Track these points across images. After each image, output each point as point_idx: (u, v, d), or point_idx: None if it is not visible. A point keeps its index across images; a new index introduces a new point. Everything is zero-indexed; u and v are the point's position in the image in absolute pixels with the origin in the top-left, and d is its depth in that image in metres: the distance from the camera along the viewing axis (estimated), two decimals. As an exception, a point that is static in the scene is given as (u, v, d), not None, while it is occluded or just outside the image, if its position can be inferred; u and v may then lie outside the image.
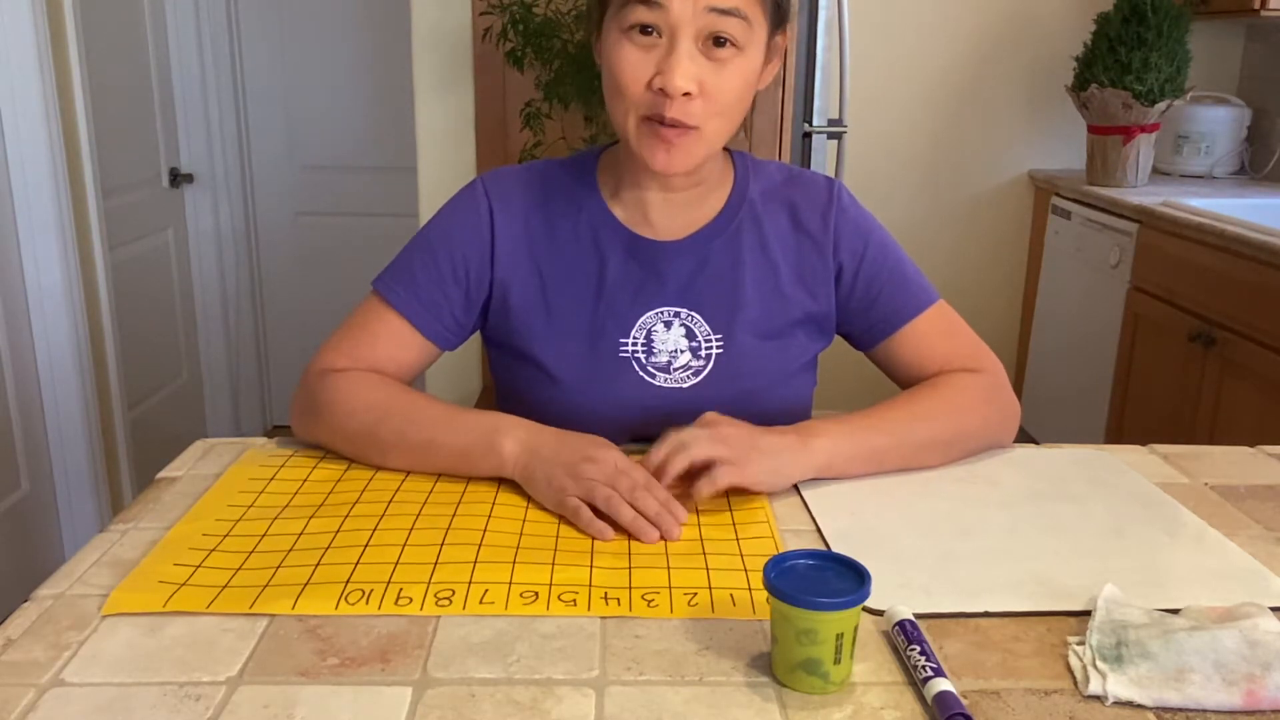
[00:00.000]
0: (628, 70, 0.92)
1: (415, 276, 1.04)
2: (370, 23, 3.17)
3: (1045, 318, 3.07)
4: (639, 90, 0.92)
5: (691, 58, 0.90)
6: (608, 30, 0.94)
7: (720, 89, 0.92)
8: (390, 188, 3.21)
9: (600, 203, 1.05)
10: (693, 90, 0.90)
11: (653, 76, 0.91)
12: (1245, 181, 2.97)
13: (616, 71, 0.92)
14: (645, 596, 0.74)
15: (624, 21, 0.91)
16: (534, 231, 1.04)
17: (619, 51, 0.92)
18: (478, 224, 1.04)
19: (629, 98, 0.93)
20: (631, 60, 0.91)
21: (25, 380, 2.33)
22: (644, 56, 0.91)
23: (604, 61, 0.95)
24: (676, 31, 0.90)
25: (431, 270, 1.04)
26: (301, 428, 1.03)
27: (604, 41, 0.95)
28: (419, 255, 1.05)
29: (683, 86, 0.90)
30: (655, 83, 0.91)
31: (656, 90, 0.91)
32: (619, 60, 0.92)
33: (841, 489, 0.93)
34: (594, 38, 0.99)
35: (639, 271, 1.04)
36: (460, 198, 1.07)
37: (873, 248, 1.07)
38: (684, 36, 0.90)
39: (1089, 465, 1.00)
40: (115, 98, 2.63)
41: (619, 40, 0.92)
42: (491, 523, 0.85)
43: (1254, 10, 2.65)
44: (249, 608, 0.72)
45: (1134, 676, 0.64)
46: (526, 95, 2.08)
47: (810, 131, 2.33)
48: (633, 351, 1.03)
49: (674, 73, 0.89)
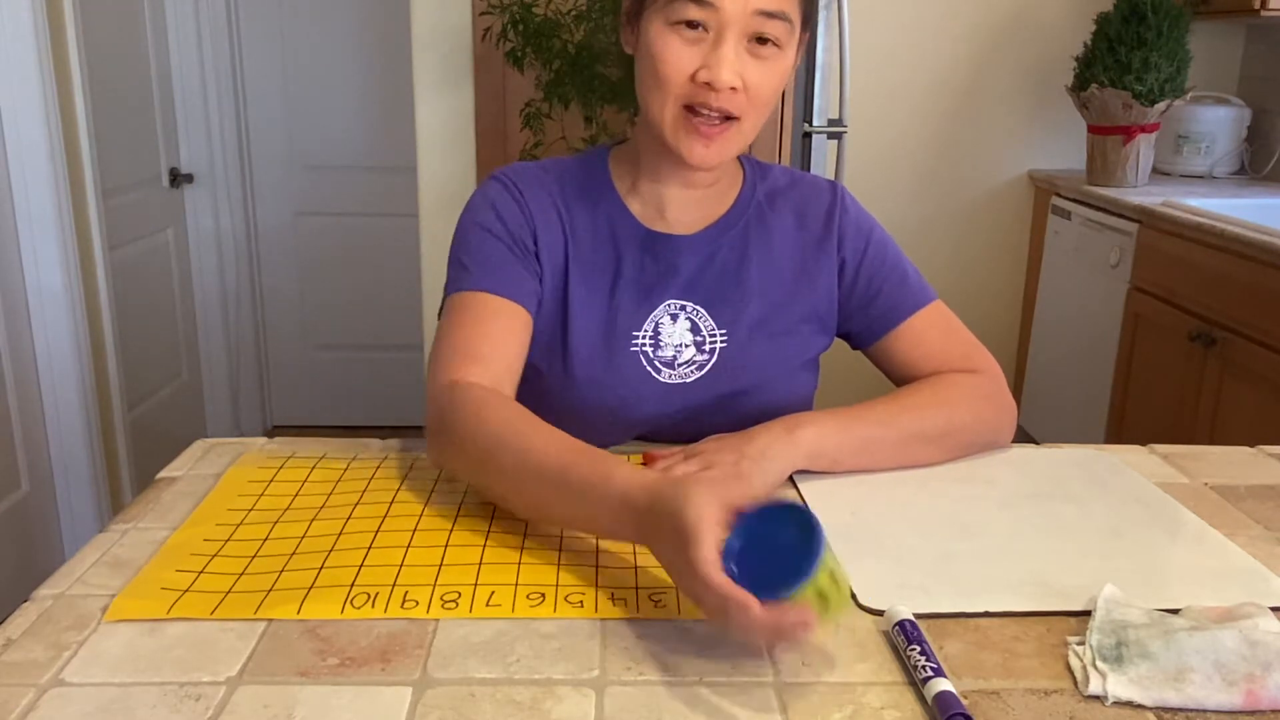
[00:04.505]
0: (672, 61, 0.93)
1: (486, 260, 0.99)
2: (370, 23, 3.17)
3: (1045, 318, 3.07)
4: (682, 81, 0.93)
5: (738, 55, 0.92)
6: (649, 20, 0.94)
7: (761, 85, 0.94)
8: (390, 188, 3.21)
9: (616, 198, 1.05)
10: (738, 85, 0.92)
11: (697, 70, 0.92)
12: (1245, 181, 2.97)
13: (660, 62, 0.93)
14: (652, 597, 0.74)
15: (672, 15, 0.92)
16: (559, 223, 1.04)
17: (664, 42, 0.93)
18: (517, 208, 1.02)
19: (671, 87, 0.94)
20: (677, 51, 0.92)
21: (25, 380, 2.33)
22: (690, 50, 0.92)
23: (644, 51, 0.95)
24: (724, 29, 0.91)
25: (496, 250, 1.00)
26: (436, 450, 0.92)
27: (645, 32, 0.95)
28: (476, 246, 1.00)
29: (730, 81, 0.91)
30: (700, 75, 0.92)
31: (701, 83, 0.92)
32: (664, 50, 0.93)
33: (841, 489, 0.93)
34: (625, 26, 0.99)
35: (653, 266, 1.04)
36: (487, 189, 1.04)
37: (874, 246, 1.08)
38: (731, 34, 0.91)
39: (1089, 465, 1.00)
40: (115, 98, 2.63)
41: (663, 31, 0.93)
42: (495, 523, 0.85)
43: (1254, 10, 2.65)
44: (253, 614, 0.72)
45: (1134, 676, 0.64)
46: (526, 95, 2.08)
47: (810, 131, 2.33)
48: (641, 346, 1.03)
49: (722, 67, 0.91)
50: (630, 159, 1.06)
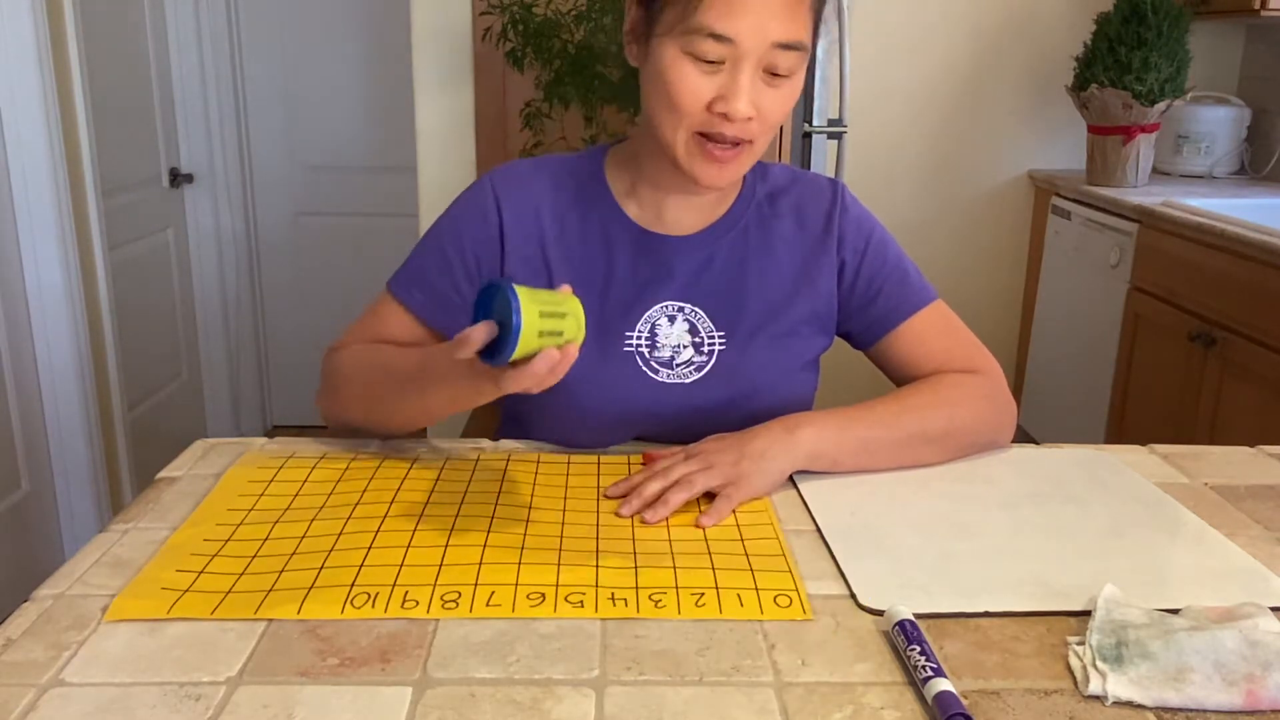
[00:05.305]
0: (688, 90, 0.92)
1: (426, 273, 1.06)
2: (370, 23, 3.17)
3: (1045, 318, 3.07)
4: (698, 110, 0.93)
5: (754, 84, 0.92)
6: (662, 43, 0.93)
7: (773, 111, 0.94)
8: (390, 188, 3.21)
9: (611, 200, 1.06)
10: (754, 115, 0.92)
11: (713, 100, 0.92)
12: (1245, 181, 2.97)
13: (676, 91, 0.93)
14: (653, 597, 0.74)
15: (688, 46, 0.91)
16: (543, 224, 1.05)
17: (679, 70, 0.92)
18: (485, 219, 1.05)
19: (686, 115, 0.93)
20: (694, 81, 0.92)
21: (25, 380, 2.33)
22: (706, 81, 0.92)
23: (656, 73, 0.94)
24: (741, 61, 0.91)
25: (442, 266, 1.05)
26: (324, 410, 1.06)
27: (658, 54, 0.94)
28: (429, 253, 1.07)
29: (746, 113, 0.91)
30: (716, 106, 0.92)
31: (717, 113, 0.92)
32: (679, 79, 0.92)
33: (841, 489, 0.93)
34: (633, 43, 0.98)
35: (646, 266, 1.04)
36: (467, 194, 1.08)
37: (874, 245, 1.08)
38: (748, 66, 0.91)
39: (1089, 465, 1.00)
40: (115, 98, 2.63)
41: (679, 59, 0.92)
42: (495, 523, 0.85)
43: (1254, 10, 2.65)
44: (253, 614, 0.72)
45: (1134, 676, 0.64)
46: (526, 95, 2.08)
47: (810, 131, 2.33)
48: (637, 346, 1.03)
49: (739, 100, 0.91)
50: (629, 162, 1.06)
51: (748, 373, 1.04)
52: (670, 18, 0.91)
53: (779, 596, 0.75)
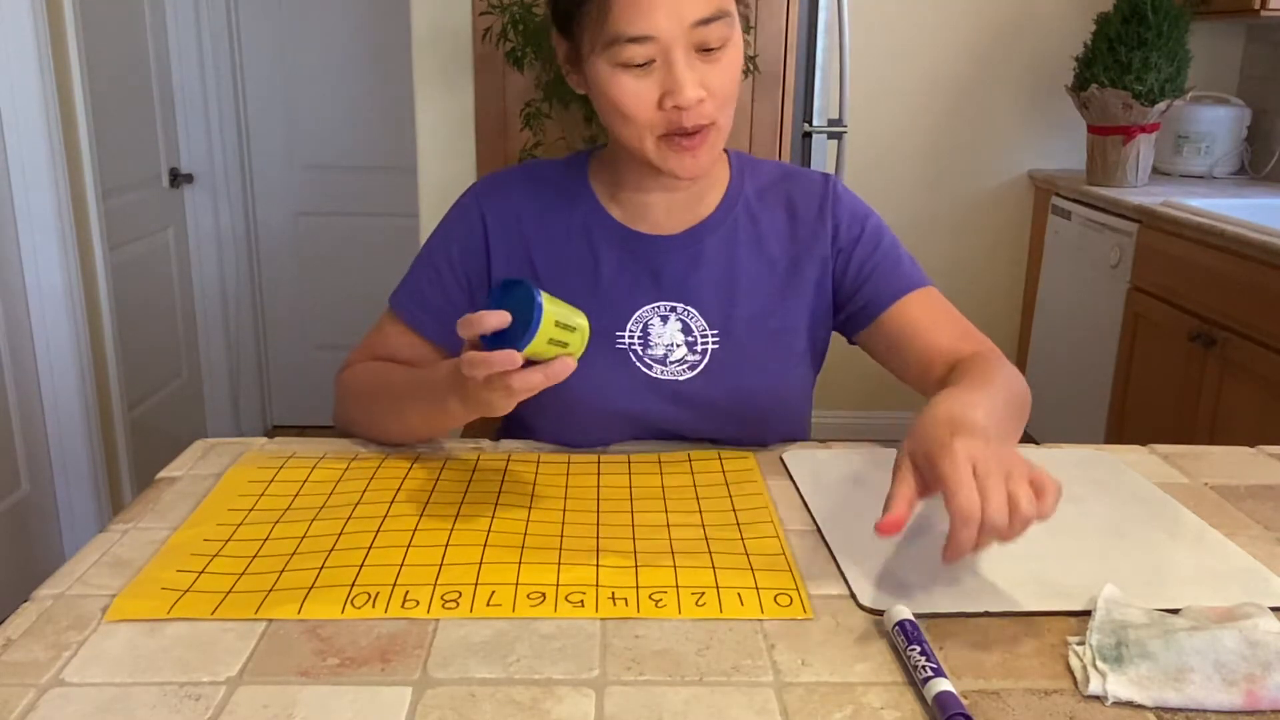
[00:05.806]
0: (632, 99, 0.92)
1: (422, 289, 1.09)
2: (370, 23, 3.17)
3: (1045, 318, 3.07)
4: (650, 113, 0.93)
5: (691, 67, 0.91)
6: (594, 65, 0.93)
7: (722, 84, 0.94)
8: (390, 188, 3.21)
9: (595, 203, 1.06)
10: (703, 96, 0.92)
11: (661, 97, 0.92)
12: (1245, 181, 2.97)
13: (622, 104, 0.93)
14: (653, 596, 0.74)
15: (615, 58, 0.91)
16: (527, 228, 1.07)
17: (618, 84, 0.92)
18: (471, 230, 1.07)
19: (641, 123, 0.94)
20: (634, 90, 0.92)
21: (25, 380, 2.33)
22: (646, 84, 0.92)
23: (600, 93, 0.95)
24: (669, 51, 0.91)
25: (435, 280, 1.08)
26: (340, 428, 1.09)
27: (593, 76, 0.94)
28: (424, 267, 1.10)
29: (695, 97, 0.91)
30: (665, 102, 0.92)
31: (669, 109, 0.92)
32: (621, 93, 0.93)
33: (841, 489, 0.93)
34: (571, 72, 0.99)
35: (634, 266, 1.05)
36: (454, 208, 1.11)
37: (869, 231, 1.07)
38: (678, 53, 0.91)
39: (1089, 465, 1.00)
40: (115, 98, 2.63)
41: (613, 73, 0.92)
42: (496, 522, 0.85)
43: (1254, 10, 2.65)
44: (253, 614, 0.72)
45: (1134, 676, 0.64)
46: (526, 95, 2.08)
47: (810, 131, 2.33)
48: (629, 344, 1.03)
49: (684, 91, 0.91)
50: (609, 167, 1.07)
51: (742, 371, 1.04)
52: (590, 38, 0.92)
53: (779, 595, 0.75)
